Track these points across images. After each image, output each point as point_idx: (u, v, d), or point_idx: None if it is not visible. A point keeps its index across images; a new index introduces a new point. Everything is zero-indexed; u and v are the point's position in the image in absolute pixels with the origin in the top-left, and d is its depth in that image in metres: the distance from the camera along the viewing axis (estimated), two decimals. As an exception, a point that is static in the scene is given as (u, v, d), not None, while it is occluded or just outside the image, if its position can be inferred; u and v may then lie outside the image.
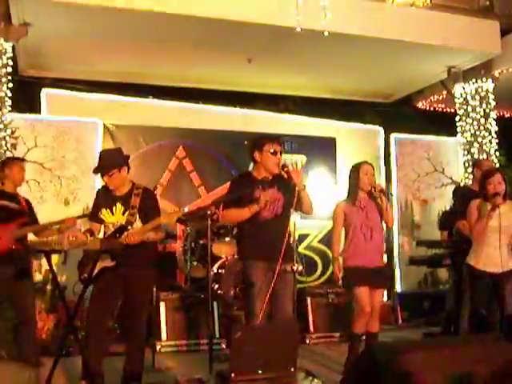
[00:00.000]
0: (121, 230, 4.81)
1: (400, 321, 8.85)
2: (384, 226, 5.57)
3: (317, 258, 9.16)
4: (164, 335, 6.85)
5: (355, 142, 9.81)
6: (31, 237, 5.99)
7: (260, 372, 3.58)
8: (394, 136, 9.95)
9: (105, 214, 4.97)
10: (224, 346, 6.73)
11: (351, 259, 5.40)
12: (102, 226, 5.05)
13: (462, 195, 7.00)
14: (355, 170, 5.56)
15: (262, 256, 4.88)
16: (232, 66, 9.05)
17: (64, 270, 6.85)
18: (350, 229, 5.43)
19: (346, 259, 5.43)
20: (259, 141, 5.12)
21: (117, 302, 5.06)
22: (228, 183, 5.45)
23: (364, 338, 5.54)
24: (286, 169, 4.97)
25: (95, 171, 5.03)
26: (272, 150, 5.01)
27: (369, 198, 5.48)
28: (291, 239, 5.18)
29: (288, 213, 4.97)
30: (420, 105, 10.93)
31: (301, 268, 7.50)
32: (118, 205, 4.94)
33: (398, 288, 9.55)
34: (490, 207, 5.33)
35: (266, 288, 4.78)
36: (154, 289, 6.19)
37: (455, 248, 6.99)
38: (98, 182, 8.02)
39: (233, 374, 3.50)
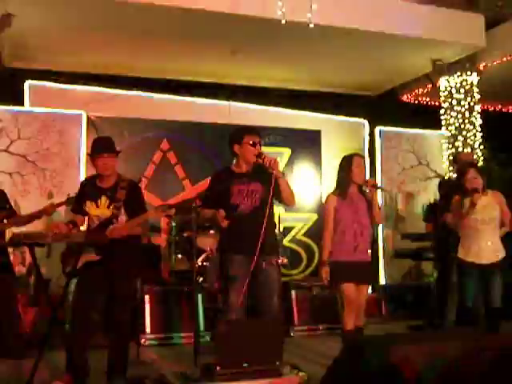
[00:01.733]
0: (106, 223, 4.78)
1: (384, 314, 8.88)
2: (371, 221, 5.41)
3: (301, 251, 9.17)
4: (148, 328, 6.81)
5: (340, 134, 9.81)
6: (15, 229, 5.93)
7: (245, 365, 3.58)
8: (378, 129, 9.96)
9: (89, 206, 4.91)
10: (209, 338, 6.71)
11: (340, 254, 5.23)
12: (86, 218, 5.01)
13: (446, 188, 7.03)
14: (347, 162, 5.31)
15: (240, 249, 4.85)
16: (217, 58, 9.02)
17: (48, 263, 6.81)
18: (341, 224, 5.24)
19: (335, 254, 5.25)
20: (238, 133, 5.08)
21: (102, 295, 5.00)
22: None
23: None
24: (262, 156, 4.92)
25: (98, 150, 4.87)
26: (251, 142, 4.99)
27: (358, 192, 5.31)
28: (274, 231, 5.15)
29: (267, 204, 4.88)
30: (405, 98, 10.96)
31: (285, 261, 7.55)
32: (104, 197, 4.88)
33: (383, 281, 9.59)
34: (469, 204, 5.37)
35: (245, 281, 4.77)
36: (139, 282, 6.16)
37: (439, 241, 7.04)
38: (82, 174, 8.02)
39: (218, 368, 3.49)
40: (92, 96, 8.57)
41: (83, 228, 5.15)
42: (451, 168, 9.60)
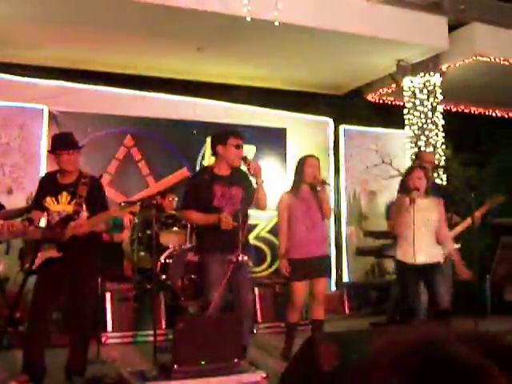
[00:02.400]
0: (67, 219, 4.74)
1: (348, 310, 8.94)
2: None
3: (265, 249, 9.19)
4: (110, 326, 6.76)
5: (305, 132, 9.86)
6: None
7: (203, 363, 3.57)
8: (343, 127, 10.02)
9: (49, 202, 4.85)
10: (171, 336, 6.67)
11: (293, 251, 5.49)
12: (46, 214, 4.94)
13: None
14: (300, 163, 5.66)
15: (221, 249, 4.99)
16: (182, 55, 8.97)
17: (7, 260, 6.71)
18: (293, 221, 5.51)
19: (289, 251, 5.51)
20: (223, 134, 5.21)
21: (61, 292, 4.97)
22: (176, 172, 5.48)
23: (310, 325, 5.78)
24: (248, 161, 5.04)
25: (58, 147, 4.85)
26: (235, 144, 5.07)
27: (310, 189, 5.57)
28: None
29: (246, 207, 5.09)
30: (370, 97, 11.01)
31: (246, 258, 7.55)
32: (64, 193, 4.83)
33: (346, 278, 9.65)
34: (408, 202, 5.46)
35: (223, 280, 4.86)
36: (100, 280, 6.10)
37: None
38: (43, 169, 7.91)
39: (175, 366, 3.48)
40: (54, 90, 8.45)
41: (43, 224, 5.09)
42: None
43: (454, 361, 0.68)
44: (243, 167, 5.23)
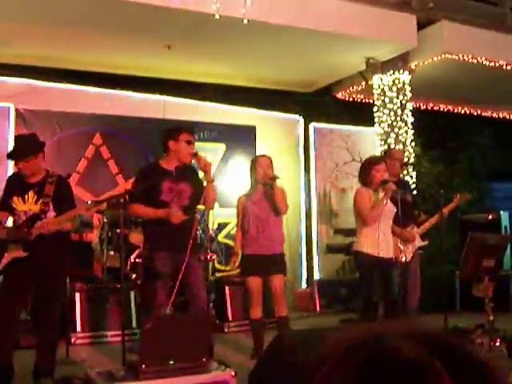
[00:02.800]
0: (33, 219, 4.69)
1: (318, 308, 8.97)
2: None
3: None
4: (79, 327, 6.70)
5: (275, 130, 9.86)
6: None
7: (171, 362, 3.55)
8: (313, 125, 10.04)
9: (16, 201, 4.81)
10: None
11: (247, 248, 5.70)
12: (13, 214, 4.89)
13: None
14: (253, 164, 5.79)
15: (167, 247, 4.93)
16: (151, 53, 8.91)
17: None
18: (246, 221, 5.69)
19: (243, 248, 5.73)
20: (175, 130, 5.19)
21: (29, 293, 4.93)
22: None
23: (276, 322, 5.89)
24: (198, 156, 5.02)
25: (10, 156, 4.86)
26: (187, 140, 5.04)
27: (264, 189, 5.69)
28: (199, 229, 5.28)
29: (194, 204, 5.09)
30: (339, 95, 11.05)
31: (214, 257, 7.55)
32: (31, 193, 4.79)
33: (317, 276, 9.68)
34: (384, 194, 5.49)
35: (172, 279, 4.88)
36: (68, 279, 6.04)
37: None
38: (11, 169, 7.79)
39: (143, 366, 3.46)
40: (21, 88, 8.33)
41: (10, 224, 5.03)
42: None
43: (398, 358, 0.68)
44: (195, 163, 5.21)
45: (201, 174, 5.24)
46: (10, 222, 5.06)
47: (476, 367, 0.70)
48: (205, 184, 5.13)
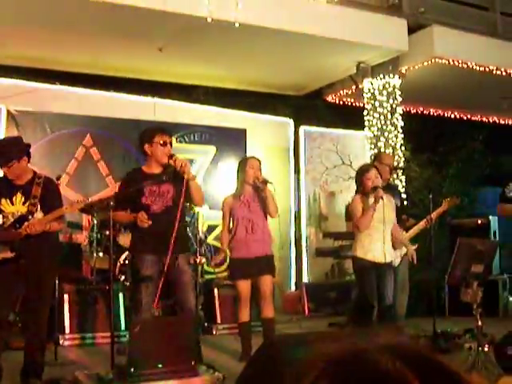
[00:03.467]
0: (21, 220, 4.69)
1: (307, 311, 8.98)
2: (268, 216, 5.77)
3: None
4: (68, 328, 6.68)
5: (265, 133, 9.86)
6: None
7: (160, 366, 3.55)
8: (303, 128, 10.06)
9: (4, 203, 4.81)
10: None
11: (235, 251, 5.65)
12: (1, 216, 4.88)
13: None
14: (242, 165, 5.75)
15: (152, 249, 4.95)
16: (143, 55, 8.91)
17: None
18: (234, 222, 5.65)
19: (231, 251, 5.69)
20: (148, 133, 5.18)
21: (17, 294, 4.94)
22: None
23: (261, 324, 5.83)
24: (174, 157, 4.99)
25: (5, 162, 4.84)
26: (162, 141, 5.03)
27: (254, 191, 5.65)
28: (186, 230, 5.22)
29: (178, 205, 5.00)
30: (330, 98, 11.08)
31: (203, 260, 7.54)
32: (19, 194, 4.80)
33: (305, 279, 9.69)
34: (373, 200, 5.51)
35: (158, 281, 4.87)
36: (57, 280, 6.03)
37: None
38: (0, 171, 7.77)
39: (132, 369, 3.46)
40: (12, 89, 8.30)
41: None
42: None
43: (376, 372, 0.71)
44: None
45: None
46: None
47: (449, 378, 0.73)
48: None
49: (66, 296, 6.74)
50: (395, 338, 0.80)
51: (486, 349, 4.67)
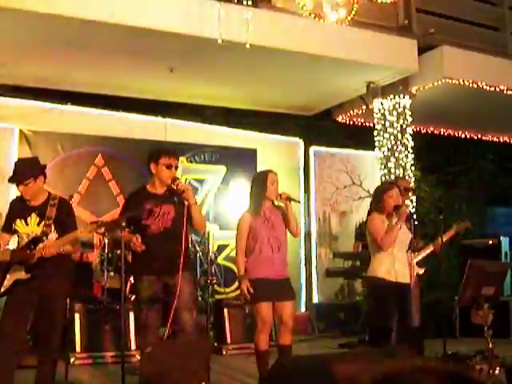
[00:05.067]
0: (35, 241, 4.72)
1: (317, 331, 8.96)
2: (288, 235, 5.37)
3: (235, 269, 9.16)
4: (78, 347, 6.69)
5: (276, 153, 9.90)
6: None
7: (170, 387, 3.56)
8: (313, 149, 10.10)
9: (19, 224, 4.85)
10: (139, 357, 6.62)
11: (257, 272, 5.14)
12: (16, 236, 4.92)
13: None
14: (261, 179, 5.29)
15: (152, 269, 4.98)
16: (154, 75, 8.98)
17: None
18: (258, 241, 5.15)
19: (251, 272, 5.16)
20: (156, 153, 5.18)
21: (30, 314, 4.95)
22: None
23: (278, 351, 5.30)
24: (176, 182, 5.01)
25: (10, 180, 4.91)
26: (167, 164, 5.06)
27: (273, 207, 5.29)
28: (186, 250, 5.14)
29: (179, 227, 4.96)
30: (340, 118, 11.11)
31: (214, 281, 7.54)
32: (33, 215, 4.83)
33: (315, 299, 9.68)
34: (397, 218, 5.43)
35: (159, 301, 4.92)
36: (68, 300, 6.05)
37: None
38: (14, 191, 7.81)
39: (143, 390, 3.47)
40: (25, 110, 8.40)
41: (13, 247, 5.05)
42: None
43: None
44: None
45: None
46: (14, 244, 5.07)
47: None
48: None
49: (76, 315, 6.76)
50: (427, 360, 0.81)
51: (497, 371, 4.63)
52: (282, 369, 3.05)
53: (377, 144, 9.99)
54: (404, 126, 9.82)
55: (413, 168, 9.79)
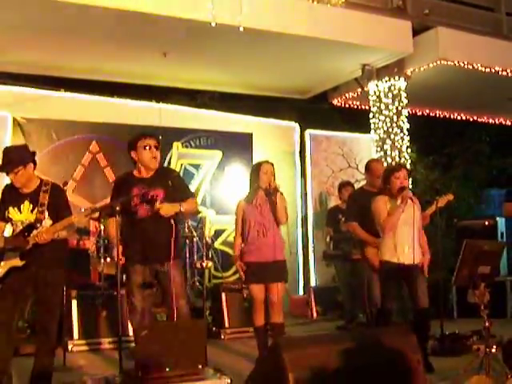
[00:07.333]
0: (29, 228, 4.71)
1: (315, 314, 8.97)
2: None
3: (233, 254, 9.17)
4: (76, 334, 6.69)
5: (271, 137, 9.88)
6: None
7: (168, 370, 3.56)
8: (308, 132, 10.07)
9: (12, 212, 4.82)
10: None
11: (247, 255, 5.60)
12: (10, 224, 4.90)
13: (355, 196, 7.02)
14: (255, 169, 5.69)
15: (140, 257, 5.02)
16: (147, 60, 8.94)
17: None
18: (248, 227, 5.60)
19: (244, 255, 5.63)
20: (132, 140, 5.21)
21: (26, 301, 4.99)
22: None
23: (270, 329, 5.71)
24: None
25: (9, 168, 4.86)
26: (144, 145, 5.05)
27: (266, 196, 5.59)
28: (177, 235, 5.18)
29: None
30: (335, 102, 11.09)
31: (210, 264, 7.54)
32: (26, 202, 4.81)
33: (313, 282, 9.69)
34: (400, 201, 5.43)
35: (149, 286, 4.99)
36: (65, 287, 6.04)
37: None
38: (6, 179, 7.78)
39: (139, 373, 3.46)
40: (18, 96, 8.35)
41: (8, 235, 5.03)
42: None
43: None
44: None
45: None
46: (9, 232, 5.06)
47: None
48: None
49: (74, 302, 6.76)
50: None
51: (494, 350, 4.64)
52: (278, 348, 3.05)
53: (372, 126, 9.98)
54: (399, 108, 9.81)
55: (409, 150, 9.78)
